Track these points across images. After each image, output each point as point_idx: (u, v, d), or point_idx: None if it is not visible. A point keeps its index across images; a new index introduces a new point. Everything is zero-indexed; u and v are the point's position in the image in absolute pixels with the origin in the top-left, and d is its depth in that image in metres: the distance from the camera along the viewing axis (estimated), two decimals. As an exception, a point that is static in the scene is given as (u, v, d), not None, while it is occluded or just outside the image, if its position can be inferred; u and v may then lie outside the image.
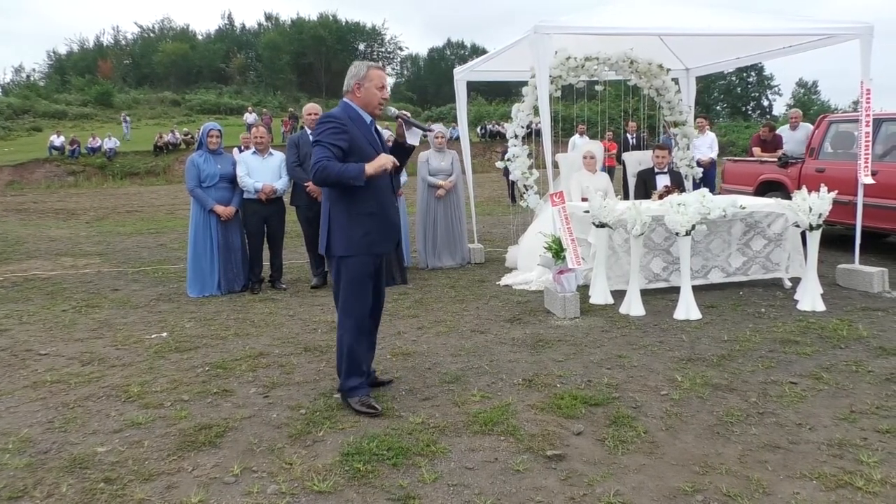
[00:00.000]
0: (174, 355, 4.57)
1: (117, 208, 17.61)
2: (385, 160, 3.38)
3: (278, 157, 6.72)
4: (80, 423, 3.43)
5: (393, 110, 3.60)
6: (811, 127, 9.32)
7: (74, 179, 27.11)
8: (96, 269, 8.19)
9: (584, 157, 7.36)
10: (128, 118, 35.61)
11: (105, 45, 66.16)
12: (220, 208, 6.40)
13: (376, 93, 3.50)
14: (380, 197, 3.51)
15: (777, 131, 9.73)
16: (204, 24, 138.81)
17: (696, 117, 11.49)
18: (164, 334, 5.12)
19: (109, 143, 29.02)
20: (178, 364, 4.37)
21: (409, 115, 3.65)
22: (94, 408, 3.63)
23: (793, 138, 9.32)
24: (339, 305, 3.59)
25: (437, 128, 7.95)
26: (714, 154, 10.43)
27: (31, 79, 59.90)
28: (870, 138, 6.11)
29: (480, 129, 34.72)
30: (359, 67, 3.53)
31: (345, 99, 3.55)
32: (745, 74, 58.10)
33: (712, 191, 6.54)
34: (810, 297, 5.37)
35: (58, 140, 28.54)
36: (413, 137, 3.61)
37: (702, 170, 8.91)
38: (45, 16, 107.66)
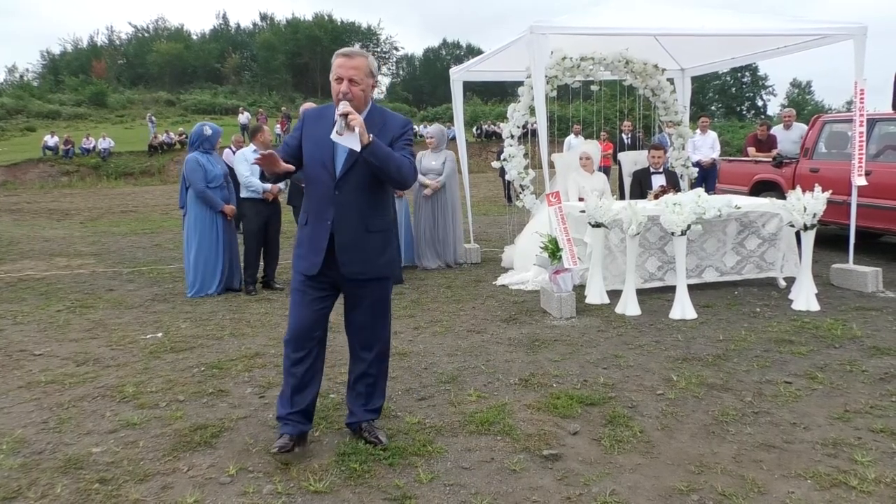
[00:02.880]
0: (169, 355, 4.56)
1: (112, 208, 17.53)
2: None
3: None
4: (74, 423, 3.41)
5: (342, 107, 2.77)
6: (805, 127, 9.35)
7: (68, 180, 27.00)
8: (91, 270, 8.16)
9: (581, 159, 7.37)
10: (153, 118, 34.95)
11: (99, 44, 66.05)
12: (228, 207, 6.43)
13: (335, 86, 2.87)
14: (314, 208, 2.95)
15: (771, 131, 9.75)
16: (199, 23, 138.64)
17: (698, 117, 11.53)
18: (160, 334, 5.10)
19: (104, 143, 28.91)
20: (173, 364, 4.36)
21: (343, 112, 2.75)
22: (89, 408, 3.62)
23: (787, 138, 9.34)
24: None
25: (433, 129, 7.98)
26: (716, 154, 10.42)
27: (25, 79, 59.67)
28: (863, 138, 6.14)
29: (476, 130, 34.78)
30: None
31: None
32: (739, 74, 58.44)
33: (711, 191, 6.58)
34: (805, 297, 5.39)
35: (52, 140, 28.42)
36: (348, 140, 2.74)
37: (697, 170, 8.91)
38: (38, 15, 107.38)
